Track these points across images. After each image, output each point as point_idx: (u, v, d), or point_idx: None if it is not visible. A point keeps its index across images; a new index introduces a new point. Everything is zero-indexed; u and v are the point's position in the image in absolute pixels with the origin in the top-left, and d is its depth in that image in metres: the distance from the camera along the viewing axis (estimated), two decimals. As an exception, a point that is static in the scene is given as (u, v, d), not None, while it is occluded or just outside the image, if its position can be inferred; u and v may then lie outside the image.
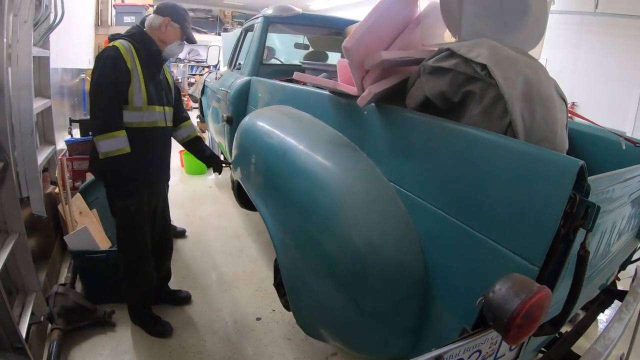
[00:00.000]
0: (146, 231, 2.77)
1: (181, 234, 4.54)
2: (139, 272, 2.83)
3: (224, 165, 3.42)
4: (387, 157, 1.79)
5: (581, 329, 2.10)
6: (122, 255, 2.78)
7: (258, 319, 3.17)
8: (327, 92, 2.32)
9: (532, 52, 1.98)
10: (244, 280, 3.70)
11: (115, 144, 2.41)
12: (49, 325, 2.76)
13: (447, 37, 2.03)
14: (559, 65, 6.94)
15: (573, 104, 6.94)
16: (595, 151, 2.16)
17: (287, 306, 2.46)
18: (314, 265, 1.87)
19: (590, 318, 2.20)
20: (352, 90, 1.96)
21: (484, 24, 1.85)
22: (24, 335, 2.12)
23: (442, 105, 1.72)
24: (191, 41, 2.85)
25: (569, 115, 2.41)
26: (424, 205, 1.57)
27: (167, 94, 2.79)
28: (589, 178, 1.13)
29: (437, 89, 1.68)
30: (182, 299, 3.30)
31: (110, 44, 2.44)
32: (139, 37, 2.57)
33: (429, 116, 1.64)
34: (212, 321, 3.13)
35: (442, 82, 1.67)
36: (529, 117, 1.54)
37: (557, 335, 1.90)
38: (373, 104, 1.86)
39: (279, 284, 2.49)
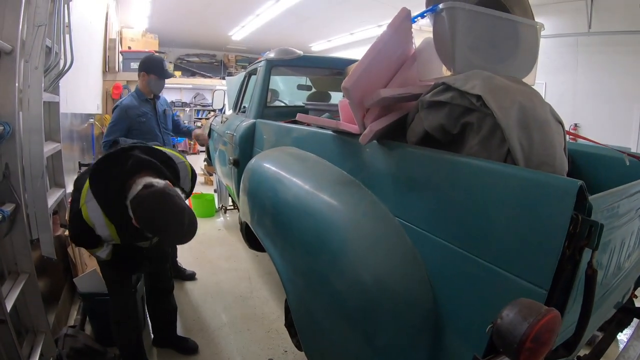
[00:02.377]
0: (130, 283, 2.81)
1: (191, 276, 4.54)
2: (123, 327, 2.80)
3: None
4: (391, 192, 1.82)
5: (600, 351, 2.10)
6: (114, 311, 2.77)
7: (270, 360, 3.16)
8: (330, 132, 2.36)
9: (526, 79, 2.03)
10: (255, 322, 3.69)
11: (96, 255, 2.45)
12: None
13: (444, 71, 2.07)
14: (558, 89, 7.01)
15: (576, 125, 6.98)
16: (600, 170, 2.18)
17: (299, 346, 2.45)
18: (324, 303, 1.87)
19: (609, 339, 2.19)
20: (353, 128, 2.00)
21: (476, 56, 1.91)
22: None
23: (442, 138, 1.76)
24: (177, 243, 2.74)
25: (572, 137, 2.45)
26: (429, 237, 1.59)
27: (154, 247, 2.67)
28: (590, 197, 1.15)
29: (435, 123, 1.72)
30: (188, 348, 3.26)
31: (82, 200, 2.16)
32: (113, 215, 2.16)
33: (430, 150, 1.68)
34: (224, 363, 3.10)
35: (440, 116, 1.71)
36: (527, 143, 1.57)
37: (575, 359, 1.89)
38: (375, 141, 1.89)
39: (290, 324, 2.47)
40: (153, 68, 3.69)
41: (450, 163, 1.54)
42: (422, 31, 2.14)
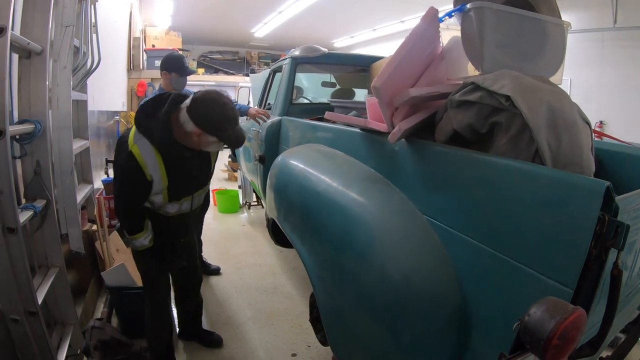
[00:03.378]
0: (168, 279, 2.82)
1: (215, 271, 4.57)
2: (159, 324, 2.84)
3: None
4: (420, 190, 1.83)
5: (622, 352, 2.09)
6: (149, 307, 2.80)
7: (294, 355, 3.17)
8: (357, 130, 2.37)
9: (553, 78, 2.03)
10: (279, 317, 3.71)
11: (137, 243, 2.46)
12: (85, 358, 2.81)
13: (471, 69, 2.07)
14: (583, 85, 6.88)
15: (601, 122, 6.86)
16: (627, 169, 2.16)
17: (323, 342, 2.48)
18: (352, 299, 1.88)
19: (632, 340, 2.17)
20: (382, 127, 2.01)
21: (504, 55, 1.91)
22: None
23: (470, 137, 1.77)
24: (235, 146, 2.62)
25: (597, 135, 2.41)
26: (457, 235, 1.60)
27: (204, 173, 2.72)
28: (617, 197, 1.15)
29: (464, 122, 1.73)
30: (213, 341, 3.29)
31: (131, 143, 2.23)
32: (165, 146, 2.28)
33: (459, 149, 1.69)
34: (247, 357, 3.15)
35: (469, 115, 1.72)
36: (555, 144, 1.57)
37: (598, 360, 1.88)
38: (403, 140, 1.90)
39: (315, 320, 2.49)
40: (173, 66, 3.69)
41: (479, 162, 1.55)
42: (450, 30, 2.12)
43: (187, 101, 2.22)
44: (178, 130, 2.24)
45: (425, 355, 1.66)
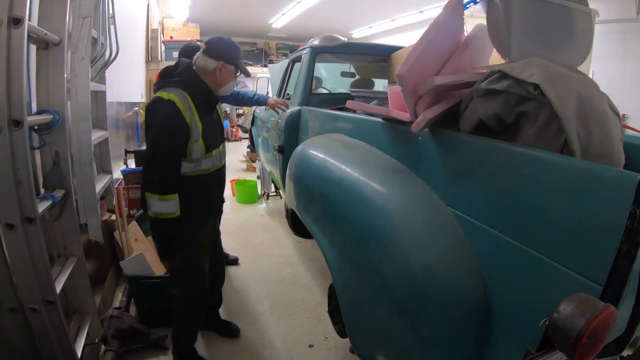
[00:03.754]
0: (205, 270, 2.78)
1: (233, 262, 4.59)
2: (195, 312, 2.83)
3: None
4: (443, 181, 1.79)
5: None
6: (180, 296, 2.76)
7: (311, 346, 3.17)
8: (379, 119, 2.34)
9: (580, 67, 1.96)
10: (297, 308, 3.71)
11: (166, 207, 2.39)
12: (103, 346, 2.83)
13: (494, 58, 2.03)
14: (606, 77, 6.73)
15: (624, 116, 6.68)
16: None
17: (341, 333, 2.46)
18: (373, 291, 1.86)
19: None
20: (405, 116, 1.97)
21: (531, 43, 1.85)
22: (79, 355, 2.23)
23: (496, 127, 1.72)
24: (247, 75, 2.78)
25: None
26: (482, 228, 1.55)
27: (221, 131, 2.76)
28: None
29: (491, 111, 1.68)
30: (231, 331, 3.30)
31: (165, 95, 2.35)
32: (194, 85, 2.47)
33: (485, 139, 1.64)
34: (264, 348, 3.15)
35: (495, 104, 1.66)
36: (585, 135, 1.51)
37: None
38: (427, 129, 1.86)
39: (333, 311, 2.48)
40: (190, 57, 3.69)
41: (506, 153, 1.50)
42: (474, 17, 2.08)
43: (200, 50, 2.55)
44: (201, 75, 2.51)
45: (446, 350, 1.63)
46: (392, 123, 2.21)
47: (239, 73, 2.67)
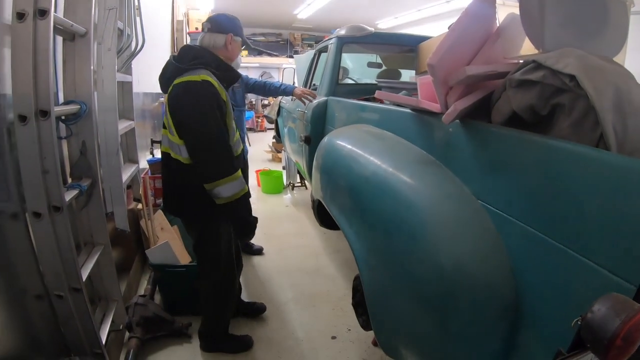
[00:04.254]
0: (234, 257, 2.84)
1: (258, 251, 4.62)
2: (230, 299, 2.90)
3: None
4: (475, 174, 1.74)
5: None
6: (222, 284, 2.81)
7: (333, 337, 3.17)
8: (408, 110, 2.29)
9: (615, 59, 1.89)
10: (321, 299, 3.71)
11: (238, 185, 2.39)
12: (127, 333, 2.89)
13: (526, 48, 1.98)
14: (636, 69, 6.62)
15: (656, 110, 6.56)
16: None
17: (364, 326, 2.45)
18: (399, 285, 1.83)
19: None
20: (435, 107, 1.93)
21: (565, 33, 1.79)
22: (103, 341, 2.26)
23: (529, 119, 1.66)
24: (249, 47, 2.86)
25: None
26: (514, 223, 1.51)
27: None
28: None
29: (525, 103, 1.63)
30: (257, 309, 3.39)
31: (195, 78, 2.33)
32: (215, 63, 2.48)
33: (518, 131, 1.59)
34: (287, 338, 3.17)
35: (529, 96, 1.61)
36: (621, 128, 1.46)
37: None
38: (458, 121, 1.82)
39: (357, 303, 2.47)
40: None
41: (540, 146, 1.45)
42: (506, 6, 2.03)
43: (205, 29, 2.60)
44: (216, 52, 2.55)
45: (473, 347, 1.60)
46: (421, 114, 2.16)
47: (243, 47, 2.73)
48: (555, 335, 1.32)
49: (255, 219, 2.62)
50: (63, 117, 2.14)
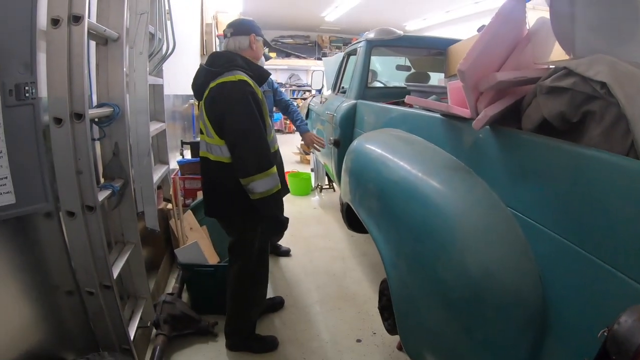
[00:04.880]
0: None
1: (286, 253, 4.64)
2: (263, 297, 2.98)
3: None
4: (505, 181, 1.72)
5: None
6: (253, 285, 2.86)
7: (358, 340, 3.16)
8: (438, 115, 2.28)
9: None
10: (347, 302, 3.71)
11: (272, 181, 2.45)
12: (154, 330, 2.93)
13: (557, 53, 1.95)
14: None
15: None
16: None
17: (390, 330, 2.45)
18: (427, 290, 1.82)
19: None
20: (465, 112, 1.93)
21: (597, 38, 1.77)
22: (131, 337, 2.30)
23: (560, 126, 1.64)
24: (270, 47, 2.90)
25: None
26: (543, 231, 1.49)
27: None
28: None
29: (555, 110, 1.60)
30: (276, 303, 3.56)
31: (231, 78, 2.38)
32: (247, 64, 2.53)
33: (549, 138, 1.56)
34: (312, 340, 3.17)
35: (560, 103, 1.59)
36: None
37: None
38: (488, 127, 1.80)
39: (383, 307, 2.47)
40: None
41: (571, 154, 1.43)
42: (536, 10, 2.00)
43: (228, 34, 2.67)
44: (243, 53, 2.61)
45: (498, 355, 1.59)
46: (451, 119, 2.15)
47: (265, 48, 2.81)
48: (580, 346, 1.31)
49: (287, 219, 2.66)
50: (97, 120, 2.18)
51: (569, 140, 1.54)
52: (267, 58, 3.70)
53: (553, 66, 1.73)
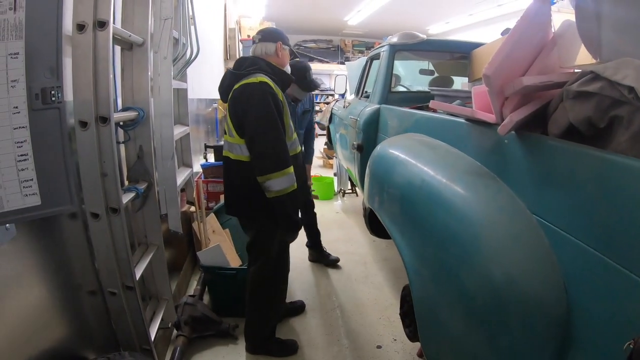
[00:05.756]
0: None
1: (334, 262, 4.64)
2: (282, 300, 3.00)
3: None
4: (530, 187, 1.69)
5: None
6: (271, 287, 2.88)
7: (379, 346, 3.16)
8: (462, 120, 2.26)
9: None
10: (368, 307, 3.71)
11: (289, 180, 2.49)
12: (175, 331, 2.98)
13: (582, 57, 1.91)
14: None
15: None
16: None
17: (410, 337, 2.43)
18: (450, 297, 1.81)
19: None
20: (490, 118, 1.89)
21: (624, 41, 1.73)
22: (152, 338, 2.32)
23: (586, 132, 1.60)
24: (296, 57, 2.96)
25: None
26: (569, 239, 1.45)
27: (293, 116, 2.89)
28: None
29: (582, 115, 1.57)
30: (298, 308, 3.56)
31: (253, 80, 2.47)
32: (271, 69, 2.61)
33: (576, 144, 1.53)
34: (333, 344, 3.17)
35: (587, 107, 1.55)
36: None
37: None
38: (513, 132, 1.77)
39: (405, 314, 2.46)
40: (296, 78, 3.76)
41: (598, 160, 1.39)
42: (561, 12, 1.96)
43: (256, 39, 2.79)
44: (268, 59, 2.72)
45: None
46: (476, 124, 2.13)
47: (292, 57, 2.88)
48: (605, 358, 1.29)
49: (301, 220, 2.70)
50: (122, 123, 2.21)
51: (596, 146, 1.51)
52: (313, 88, 3.87)
53: (579, 70, 1.70)
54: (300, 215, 2.77)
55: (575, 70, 1.79)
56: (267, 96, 2.45)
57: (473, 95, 2.14)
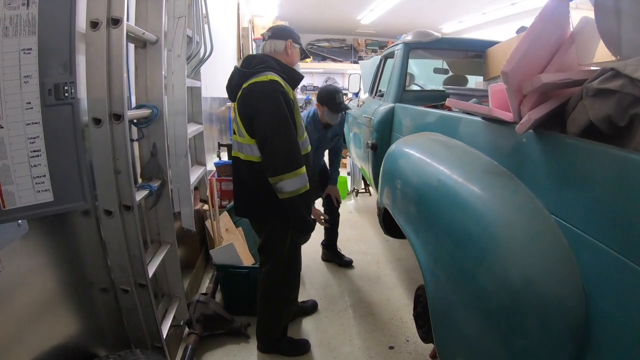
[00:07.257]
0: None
1: (348, 263, 4.64)
2: (293, 300, 3.00)
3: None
4: (549, 187, 1.66)
5: None
6: (283, 287, 2.87)
7: (391, 347, 3.15)
8: (478, 119, 2.23)
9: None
10: (380, 307, 3.70)
11: (301, 180, 2.47)
12: (187, 329, 3.00)
13: (601, 54, 1.86)
14: None
15: None
16: None
17: (424, 338, 2.42)
18: (466, 299, 1.78)
19: None
20: (508, 116, 1.86)
21: (645, 38, 1.69)
22: (164, 335, 2.32)
23: (606, 130, 1.56)
24: (307, 56, 2.94)
25: None
26: (589, 241, 1.42)
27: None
28: None
29: (602, 113, 1.53)
30: (310, 308, 3.56)
31: (263, 78, 2.44)
32: (280, 67, 2.58)
33: (596, 143, 1.49)
34: (344, 344, 3.17)
35: (607, 105, 1.51)
36: None
37: None
38: (531, 131, 1.74)
39: (418, 315, 2.44)
40: (326, 101, 3.83)
41: (618, 159, 1.35)
42: (579, 9, 1.93)
43: (266, 37, 2.78)
44: (277, 57, 2.69)
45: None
46: (492, 123, 2.10)
47: (302, 56, 2.83)
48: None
49: (314, 221, 2.70)
50: (135, 121, 2.21)
51: (616, 144, 1.47)
52: (342, 109, 3.86)
53: (598, 68, 1.66)
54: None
55: (594, 68, 1.75)
56: (278, 94, 2.42)
57: (490, 93, 2.10)
